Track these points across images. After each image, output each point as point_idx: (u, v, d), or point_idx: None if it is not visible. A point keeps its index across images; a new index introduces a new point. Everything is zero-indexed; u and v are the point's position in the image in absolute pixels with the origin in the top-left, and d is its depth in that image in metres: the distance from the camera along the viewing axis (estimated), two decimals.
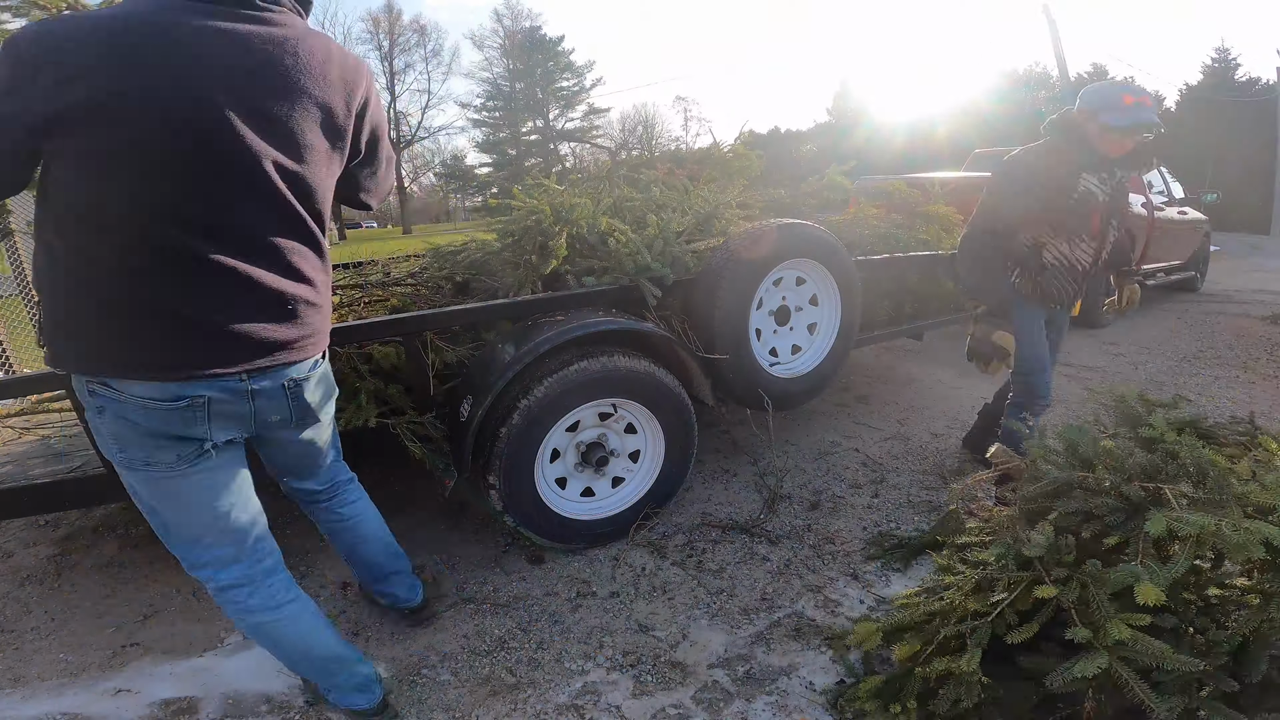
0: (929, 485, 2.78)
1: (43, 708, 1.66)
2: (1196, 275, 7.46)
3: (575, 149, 44.75)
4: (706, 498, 2.66)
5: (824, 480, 2.81)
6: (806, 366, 2.77)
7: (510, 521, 2.11)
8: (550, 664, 1.78)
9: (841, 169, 3.80)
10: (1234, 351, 4.87)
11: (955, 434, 3.29)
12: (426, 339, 2.06)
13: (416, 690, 1.69)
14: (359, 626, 1.94)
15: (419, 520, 2.50)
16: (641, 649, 1.83)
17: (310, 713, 1.63)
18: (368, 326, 1.96)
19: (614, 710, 1.63)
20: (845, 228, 3.54)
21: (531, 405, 2.00)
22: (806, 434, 3.26)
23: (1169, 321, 5.95)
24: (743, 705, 1.64)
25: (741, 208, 3.04)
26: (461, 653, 1.83)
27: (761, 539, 2.36)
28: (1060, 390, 3.93)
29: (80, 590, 2.13)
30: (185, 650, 1.85)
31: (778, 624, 1.93)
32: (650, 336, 2.27)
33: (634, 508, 2.34)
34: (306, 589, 2.05)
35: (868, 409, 3.63)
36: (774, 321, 2.70)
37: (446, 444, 2.08)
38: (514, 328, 2.17)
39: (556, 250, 2.27)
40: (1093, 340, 5.18)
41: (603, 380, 2.11)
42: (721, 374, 2.46)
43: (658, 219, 2.45)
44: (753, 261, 2.43)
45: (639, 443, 2.34)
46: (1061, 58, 16.84)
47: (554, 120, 44.61)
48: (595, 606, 2.02)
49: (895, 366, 4.47)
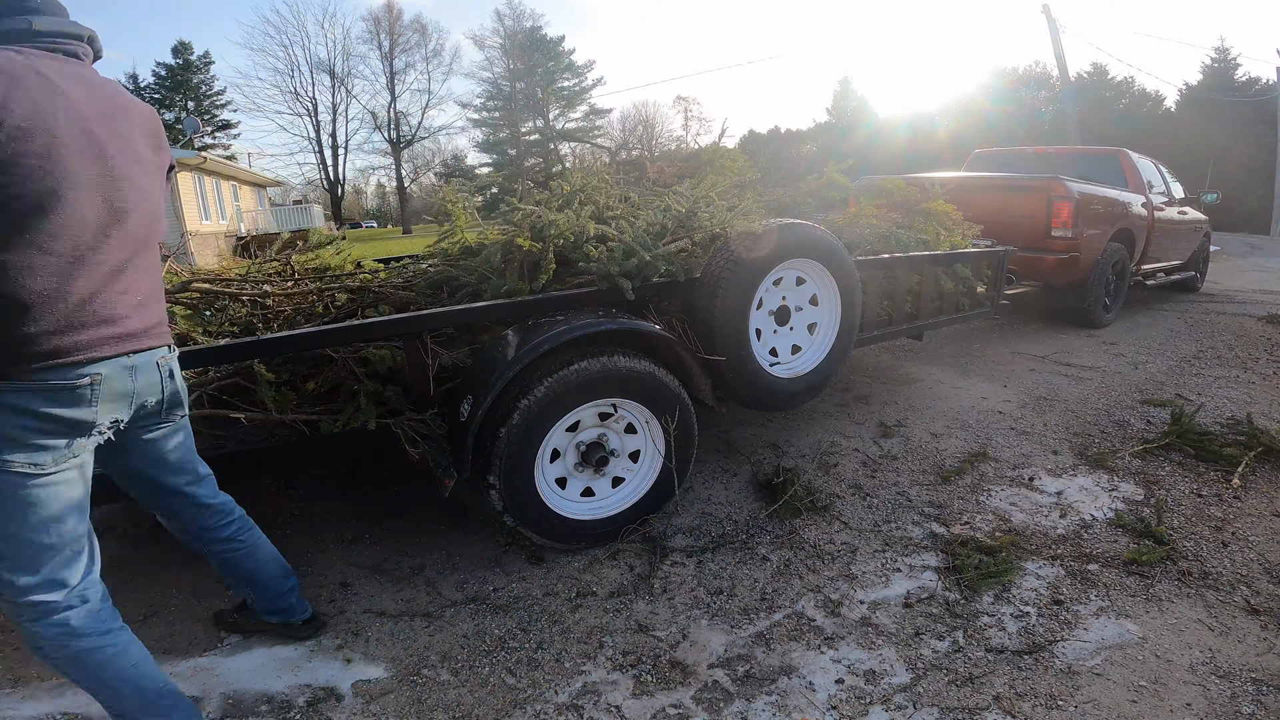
0: (929, 485, 2.78)
1: (43, 708, 1.66)
2: (1196, 275, 7.47)
3: (575, 149, 44.77)
4: (706, 498, 2.66)
5: (824, 480, 2.81)
6: (806, 366, 2.77)
7: (510, 521, 2.11)
8: (550, 664, 1.78)
9: (840, 168, 3.80)
10: (1234, 351, 4.87)
11: (955, 434, 3.29)
12: (425, 340, 2.06)
13: (416, 690, 1.70)
14: (359, 627, 1.94)
15: (419, 520, 2.50)
16: (641, 649, 1.83)
17: (310, 713, 1.63)
18: (367, 327, 1.96)
19: (614, 710, 1.63)
20: (845, 227, 3.54)
21: (531, 405, 2.00)
22: (806, 434, 3.26)
23: (1169, 321, 5.95)
24: (743, 705, 1.64)
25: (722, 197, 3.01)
26: (461, 653, 1.83)
27: (761, 539, 2.36)
28: (1060, 390, 3.93)
29: None
30: (185, 650, 1.85)
31: (778, 624, 1.93)
32: (650, 337, 2.27)
33: (634, 508, 2.34)
34: (306, 589, 2.06)
35: (868, 409, 3.63)
36: (774, 321, 2.70)
37: (446, 443, 2.08)
38: (514, 328, 2.17)
39: (546, 268, 2.28)
40: (1093, 340, 5.18)
41: (603, 380, 2.11)
42: (721, 374, 2.46)
43: (632, 229, 2.45)
44: (753, 261, 2.43)
45: (639, 443, 2.34)
46: (1061, 58, 16.85)
47: (554, 120, 44.63)
48: (595, 606, 2.02)
49: (895, 366, 4.47)
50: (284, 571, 1.84)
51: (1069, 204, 4.87)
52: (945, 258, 3.60)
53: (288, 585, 1.85)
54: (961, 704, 1.64)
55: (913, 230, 3.73)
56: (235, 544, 1.72)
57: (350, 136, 40.87)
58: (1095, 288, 5.28)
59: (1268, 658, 1.79)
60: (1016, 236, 4.79)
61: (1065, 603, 2.02)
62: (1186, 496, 2.69)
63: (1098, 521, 2.49)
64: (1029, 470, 2.93)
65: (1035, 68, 30.97)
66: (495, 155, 44.97)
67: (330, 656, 1.82)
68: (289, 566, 1.87)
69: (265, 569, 1.79)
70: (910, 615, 1.97)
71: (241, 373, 2.07)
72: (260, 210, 25.95)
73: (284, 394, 2.05)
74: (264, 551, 1.79)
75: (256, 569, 1.78)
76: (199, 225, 18.36)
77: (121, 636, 1.38)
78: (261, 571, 1.79)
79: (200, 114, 38.40)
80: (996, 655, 1.80)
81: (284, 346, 1.96)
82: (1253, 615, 1.97)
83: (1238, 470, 2.81)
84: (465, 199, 2.98)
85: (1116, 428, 3.39)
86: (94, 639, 1.33)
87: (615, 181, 3.21)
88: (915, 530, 2.43)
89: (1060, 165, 6.23)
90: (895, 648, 1.83)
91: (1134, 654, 1.81)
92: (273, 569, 1.81)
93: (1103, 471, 2.90)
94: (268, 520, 2.49)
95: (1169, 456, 3.03)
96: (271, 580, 1.81)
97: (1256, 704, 1.63)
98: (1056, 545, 2.34)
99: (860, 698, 1.66)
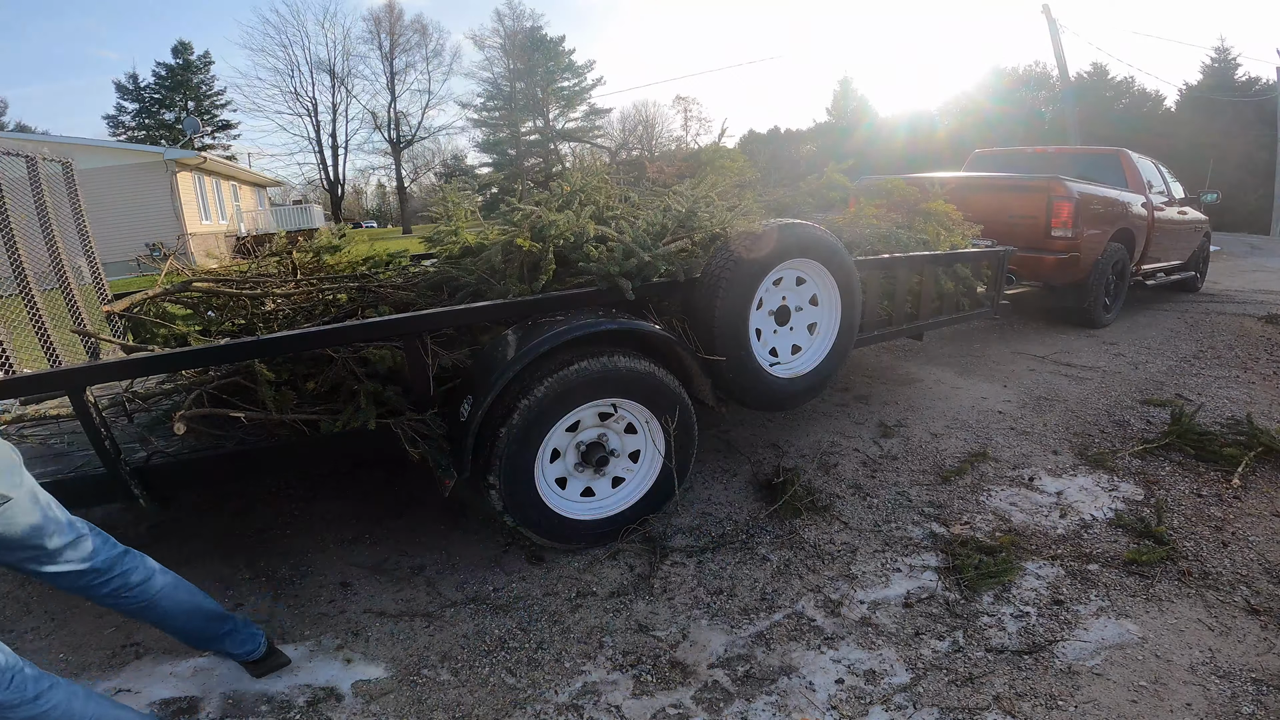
0: (929, 485, 2.78)
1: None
2: (1196, 275, 7.46)
3: (575, 149, 44.75)
4: (706, 498, 2.66)
5: (824, 480, 2.81)
6: (806, 366, 2.77)
7: (510, 521, 2.11)
8: (550, 664, 1.78)
9: (840, 168, 3.80)
10: (1234, 351, 4.87)
11: (955, 434, 3.29)
12: (425, 340, 2.06)
13: (416, 690, 1.70)
14: (359, 627, 1.94)
15: (419, 520, 2.50)
16: (641, 649, 1.83)
17: (310, 713, 1.63)
18: (367, 327, 1.96)
19: (614, 710, 1.63)
20: (845, 227, 3.54)
21: (531, 405, 2.00)
22: (806, 434, 3.26)
23: (1169, 321, 5.95)
24: (743, 705, 1.64)
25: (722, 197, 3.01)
26: (461, 653, 1.83)
27: (762, 539, 2.36)
28: (1060, 390, 3.93)
29: None
30: (185, 650, 1.85)
31: (778, 624, 1.93)
32: (650, 337, 2.27)
33: (634, 508, 2.34)
34: (306, 589, 2.06)
35: (868, 409, 3.63)
36: (774, 321, 2.70)
37: (446, 443, 2.08)
38: (514, 328, 2.17)
39: (546, 268, 2.28)
40: (1093, 340, 5.18)
41: (603, 380, 2.11)
42: (721, 374, 2.46)
43: (631, 229, 2.45)
44: (753, 261, 2.43)
45: (639, 443, 2.34)
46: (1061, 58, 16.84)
47: (554, 120, 44.60)
48: (595, 606, 2.02)
49: (895, 366, 4.47)
50: (207, 618, 1.66)
51: (1069, 204, 4.87)
52: (945, 258, 3.60)
53: (219, 630, 1.68)
54: (961, 704, 1.64)
55: (913, 230, 3.73)
56: (120, 600, 1.54)
57: (350, 136, 40.95)
58: (1095, 288, 5.28)
59: (1268, 658, 1.79)
60: (1016, 236, 4.79)
61: (1065, 603, 2.02)
62: (1186, 496, 2.69)
63: (1098, 521, 2.49)
64: (1029, 470, 2.93)
65: (1035, 68, 31.01)
66: (495, 155, 44.93)
67: (330, 656, 1.82)
68: (222, 612, 1.70)
69: (171, 621, 1.62)
70: (910, 615, 1.97)
71: (241, 372, 2.07)
72: (260, 210, 25.93)
73: (284, 394, 2.05)
74: (166, 604, 1.59)
75: (161, 621, 1.62)
76: (199, 225, 18.35)
77: (55, 694, 1.28)
78: (168, 623, 1.63)
79: (200, 114, 38.38)
80: (996, 655, 1.80)
81: (284, 346, 1.96)
82: (1253, 615, 1.97)
83: (1238, 470, 2.81)
84: (468, 197, 2.97)
85: (1116, 428, 3.39)
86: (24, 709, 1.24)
87: (615, 181, 3.21)
88: (915, 530, 2.43)
89: (1060, 165, 6.23)
90: (895, 648, 1.83)
91: (1134, 654, 1.81)
92: (182, 621, 1.63)
93: (1103, 471, 2.90)
94: (268, 520, 2.50)
95: (1169, 456, 3.03)
96: (186, 630, 1.65)
97: (1256, 704, 1.63)
98: (1056, 545, 2.34)
99: (860, 698, 1.66)
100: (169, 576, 1.62)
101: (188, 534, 2.43)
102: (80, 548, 1.46)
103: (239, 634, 1.71)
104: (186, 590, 1.64)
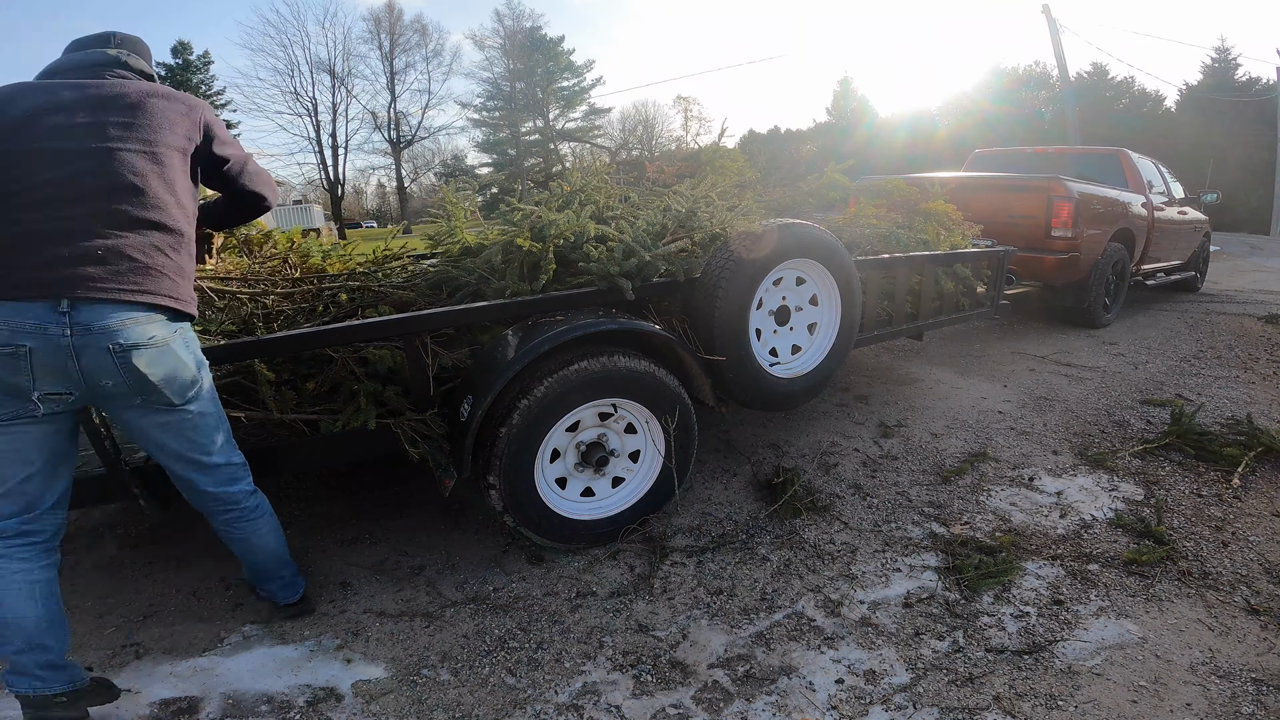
0: (929, 485, 2.78)
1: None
2: (1196, 275, 7.47)
3: (575, 149, 44.75)
4: (706, 498, 2.66)
5: (824, 480, 2.81)
6: (806, 366, 2.77)
7: (510, 521, 2.11)
8: (550, 664, 1.78)
9: (840, 168, 3.80)
10: (1234, 351, 4.87)
11: (955, 434, 3.29)
12: (425, 340, 2.06)
13: (416, 690, 1.70)
14: (359, 627, 1.94)
15: (419, 520, 2.50)
16: (641, 649, 1.83)
17: (310, 713, 1.63)
18: (367, 327, 1.96)
19: (614, 710, 1.63)
20: (845, 227, 3.54)
21: (531, 405, 2.00)
22: (806, 434, 3.26)
23: (1169, 321, 5.95)
24: (743, 705, 1.64)
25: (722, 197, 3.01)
26: (461, 653, 1.83)
27: (762, 539, 2.36)
28: (1060, 390, 3.93)
29: (80, 590, 2.12)
30: (185, 650, 1.85)
31: (778, 624, 1.93)
32: (650, 337, 2.27)
33: (634, 508, 2.34)
34: (306, 589, 2.06)
35: (868, 409, 3.63)
36: (774, 321, 2.70)
37: (446, 443, 2.08)
38: (514, 328, 2.17)
39: (546, 268, 2.28)
40: (1093, 340, 5.18)
41: (603, 380, 2.11)
42: (721, 374, 2.46)
43: (631, 229, 2.44)
44: (753, 261, 2.43)
45: (639, 443, 2.34)
46: (1061, 58, 16.86)
47: (554, 120, 44.61)
48: (595, 606, 2.02)
49: (895, 366, 4.47)
50: (279, 564, 1.91)
51: (1069, 204, 4.87)
52: (945, 258, 3.60)
53: (282, 574, 1.93)
54: (961, 704, 1.64)
55: (913, 230, 3.73)
56: (228, 531, 1.79)
57: (350, 136, 40.80)
58: (1095, 288, 5.28)
59: (1268, 658, 1.79)
60: (1016, 236, 4.79)
61: (1065, 603, 2.02)
62: (1186, 496, 2.69)
63: (1098, 521, 2.49)
64: (1029, 470, 2.93)
65: (1035, 68, 31.01)
66: (495, 155, 44.94)
67: (330, 656, 1.82)
68: (293, 565, 1.95)
69: (252, 558, 1.86)
70: (910, 615, 1.97)
71: (241, 372, 2.07)
72: None
73: (284, 394, 2.04)
74: (257, 541, 1.82)
75: (244, 554, 1.86)
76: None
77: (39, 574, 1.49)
78: (249, 559, 1.87)
79: None
80: (996, 655, 1.80)
81: (284, 346, 1.96)
82: (1253, 615, 1.97)
83: (1238, 470, 2.81)
84: (468, 196, 2.97)
85: (1116, 428, 3.39)
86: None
87: (615, 181, 3.21)
88: (915, 530, 2.43)
89: (1060, 165, 6.23)
90: (895, 648, 1.83)
91: (1134, 654, 1.81)
92: (263, 559, 1.87)
93: (1103, 471, 2.90)
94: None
95: (1169, 456, 3.03)
96: (258, 566, 1.89)
97: (1256, 704, 1.63)
98: (1056, 545, 2.34)
99: (860, 698, 1.66)
100: (274, 521, 1.85)
101: (188, 534, 2.43)
102: (221, 474, 1.71)
103: (294, 584, 1.96)
104: (275, 535, 1.86)
